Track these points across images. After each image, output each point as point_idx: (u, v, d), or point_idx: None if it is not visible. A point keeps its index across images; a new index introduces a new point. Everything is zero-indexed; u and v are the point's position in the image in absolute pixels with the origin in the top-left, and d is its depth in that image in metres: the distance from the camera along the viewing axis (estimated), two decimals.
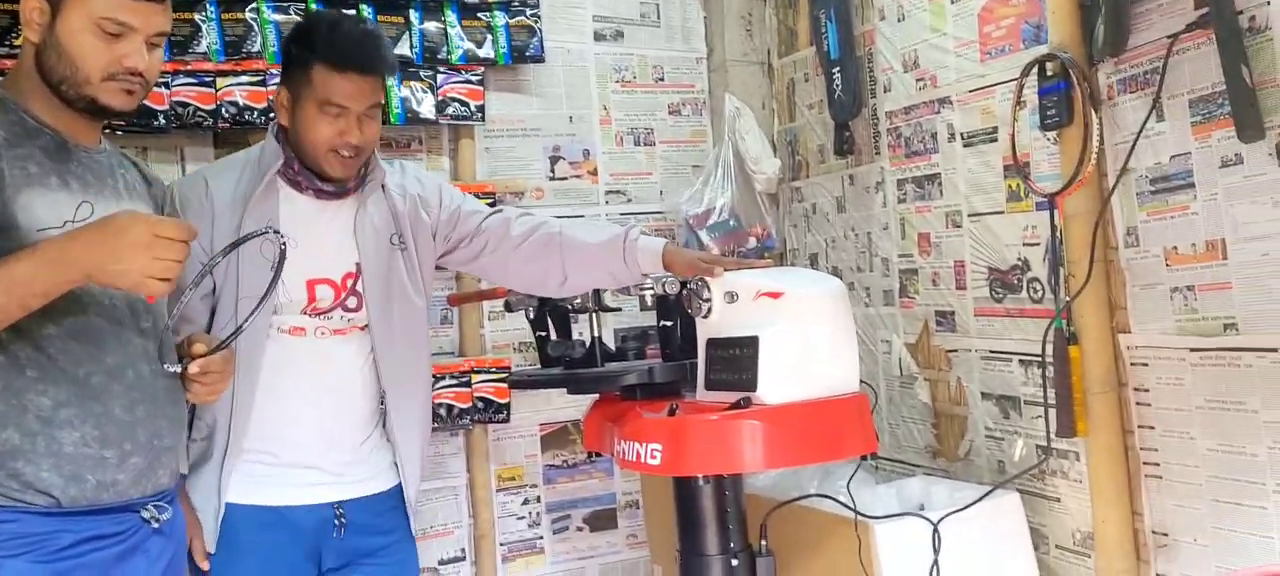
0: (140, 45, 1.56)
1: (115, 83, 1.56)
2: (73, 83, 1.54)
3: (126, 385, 1.57)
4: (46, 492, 1.49)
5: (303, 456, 1.99)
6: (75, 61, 1.53)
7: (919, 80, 2.58)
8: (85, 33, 1.52)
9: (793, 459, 1.96)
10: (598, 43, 3.20)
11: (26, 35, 1.56)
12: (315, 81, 1.91)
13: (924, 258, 2.60)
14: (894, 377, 2.72)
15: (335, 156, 1.94)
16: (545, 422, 3.05)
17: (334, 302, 2.00)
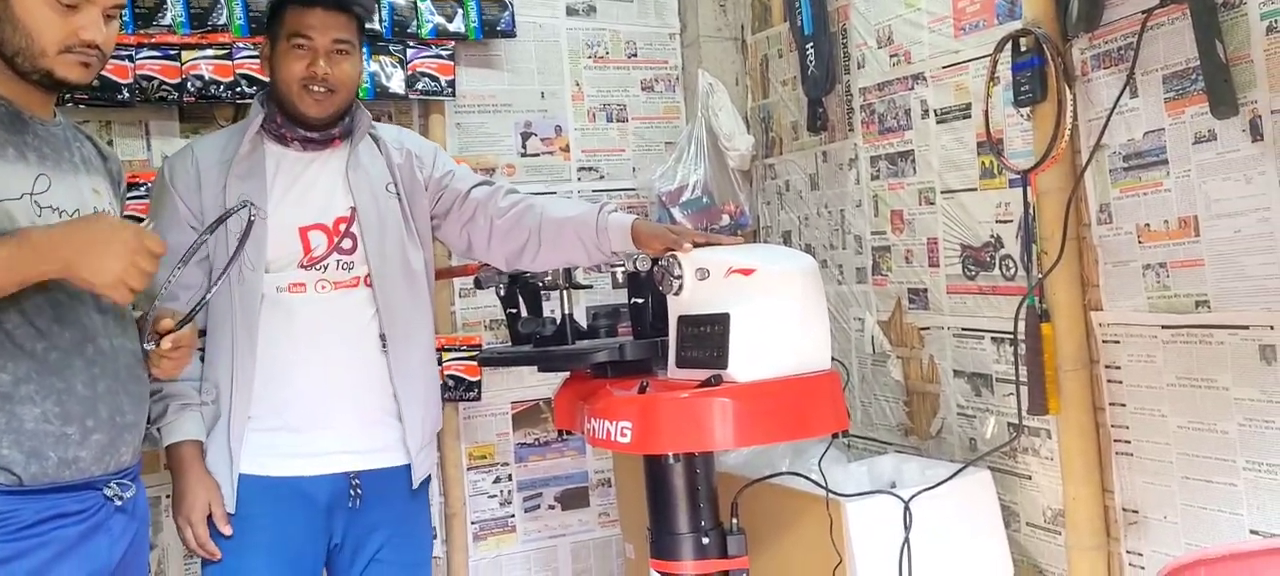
0: (97, 17, 1.54)
1: (72, 55, 1.54)
2: (28, 55, 1.52)
3: (86, 360, 1.55)
4: (8, 469, 1.47)
5: (311, 419, 1.98)
6: (30, 34, 1.51)
7: (893, 56, 2.57)
8: (40, 5, 1.50)
9: (763, 437, 1.95)
10: (570, 17, 3.17)
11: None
12: (285, 19, 1.99)
13: (897, 235, 2.59)
14: (866, 355, 2.71)
15: (307, 94, 1.99)
16: (516, 401, 3.03)
17: (328, 248, 2.02)
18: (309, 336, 2.00)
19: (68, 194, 1.59)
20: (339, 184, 2.06)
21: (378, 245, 2.07)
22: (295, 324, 2.00)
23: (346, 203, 2.05)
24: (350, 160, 2.08)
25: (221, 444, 1.96)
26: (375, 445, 2.06)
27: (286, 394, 1.99)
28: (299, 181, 2.04)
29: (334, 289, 2.03)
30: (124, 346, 1.63)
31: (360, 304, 2.06)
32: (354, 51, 2.05)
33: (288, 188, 2.02)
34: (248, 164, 2.00)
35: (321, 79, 1.98)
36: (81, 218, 1.52)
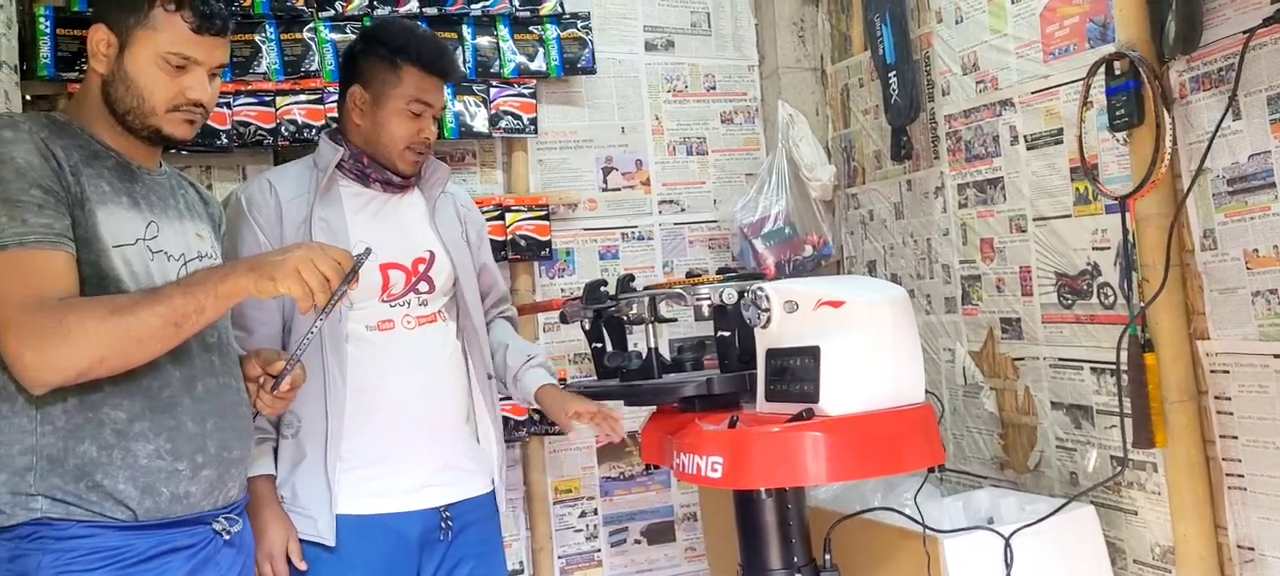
0: (203, 77, 1.62)
1: (178, 114, 1.62)
2: (138, 113, 1.60)
3: (195, 398, 1.59)
4: (124, 504, 1.50)
5: (402, 453, 2.02)
6: (142, 94, 1.59)
7: (979, 83, 2.53)
8: (152, 66, 1.58)
9: (857, 472, 1.91)
10: (649, 53, 3.19)
11: (93, 66, 1.61)
12: (406, 81, 2.06)
13: (987, 263, 2.54)
14: (957, 387, 2.66)
15: (411, 154, 2.09)
16: None
17: (405, 287, 2.08)
18: (398, 371, 2.04)
19: (175, 239, 1.66)
20: (421, 227, 2.15)
21: (467, 285, 2.17)
22: (384, 360, 2.04)
23: (426, 245, 2.13)
24: (434, 208, 2.17)
25: (319, 479, 1.99)
26: (461, 475, 2.11)
27: (378, 429, 2.02)
28: (378, 220, 2.11)
29: (417, 325, 2.08)
30: (230, 384, 1.67)
31: (442, 338, 2.12)
32: None
33: (368, 225, 2.08)
34: (327, 198, 2.06)
35: (427, 143, 2.10)
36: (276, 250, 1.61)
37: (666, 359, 2.29)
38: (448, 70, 2.13)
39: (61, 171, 1.50)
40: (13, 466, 1.47)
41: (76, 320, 1.40)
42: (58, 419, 1.47)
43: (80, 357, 1.41)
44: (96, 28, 1.59)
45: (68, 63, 2.56)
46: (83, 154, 1.56)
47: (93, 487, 1.49)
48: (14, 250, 1.41)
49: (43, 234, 1.43)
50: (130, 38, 1.58)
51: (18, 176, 1.44)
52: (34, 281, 1.41)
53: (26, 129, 1.50)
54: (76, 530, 1.47)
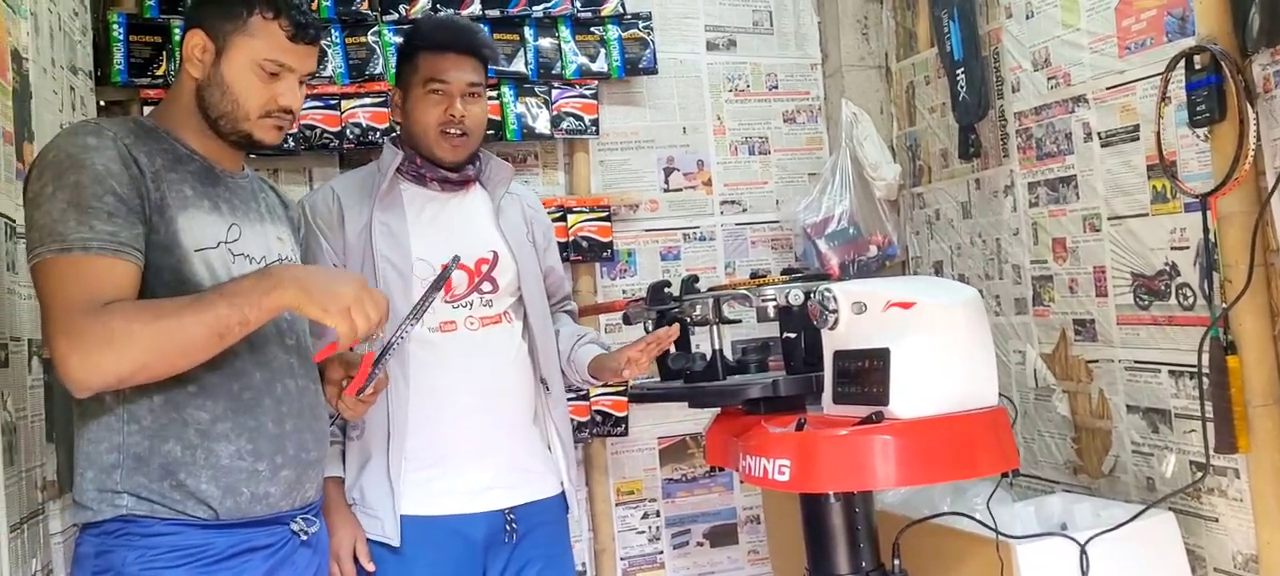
0: (294, 84, 1.65)
1: (269, 120, 1.64)
2: (231, 118, 1.62)
3: (275, 399, 1.61)
4: (206, 503, 1.53)
5: (467, 455, 2.02)
6: (237, 99, 1.61)
7: (1051, 79, 2.47)
8: (247, 72, 1.60)
9: (928, 476, 1.87)
10: (710, 52, 3.17)
11: (187, 70, 1.63)
12: (420, 66, 2.06)
13: (1059, 264, 2.48)
14: (1028, 390, 2.60)
15: (444, 138, 2.05)
16: (664, 436, 3.02)
17: (468, 288, 2.07)
18: (462, 373, 2.04)
19: (256, 242, 1.67)
20: (484, 227, 2.13)
21: (531, 286, 2.15)
22: (448, 362, 2.04)
23: (489, 245, 2.11)
24: (499, 207, 2.15)
25: (381, 481, 2.00)
26: (529, 477, 2.10)
27: (442, 431, 2.02)
28: (438, 220, 2.10)
29: (481, 326, 2.07)
30: (308, 386, 1.69)
31: (507, 338, 2.11)
32: (483, 94, 2.12)
33: (428, 226, 2.08)
34: (388, 201, 2.07)
35: (458, 122, 2.04)
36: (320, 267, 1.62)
37: (730, 360, 2.27)
38: (460, 45, 2.08)
39: (142, 178, 1.52)
40: (100, 464, 1.50)
41: (122, 325, 1.40)
42: (144, 417, 1.50)
43: (123, 364, 1.41)
44: (193, 33, 1.62)
45: (140, 69, 2.62)
46: (166, 159, 1.58)
47: (176, 486, 1.51)
48: (76, 255, 1.43)
49: (106, 241, 1.45)
50: (227, 44, 1.60)
51: (94, 182, 1.46)
52: (91, 288, 1.42)
53: (111, 136, 1.52)
54: (160, 527, 1.50)
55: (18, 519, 1.61)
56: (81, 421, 1.53)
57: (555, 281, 2.32)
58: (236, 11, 1.60)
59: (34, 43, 1.93)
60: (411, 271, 2.02)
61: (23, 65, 1.84)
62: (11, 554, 1.57)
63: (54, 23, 2.13)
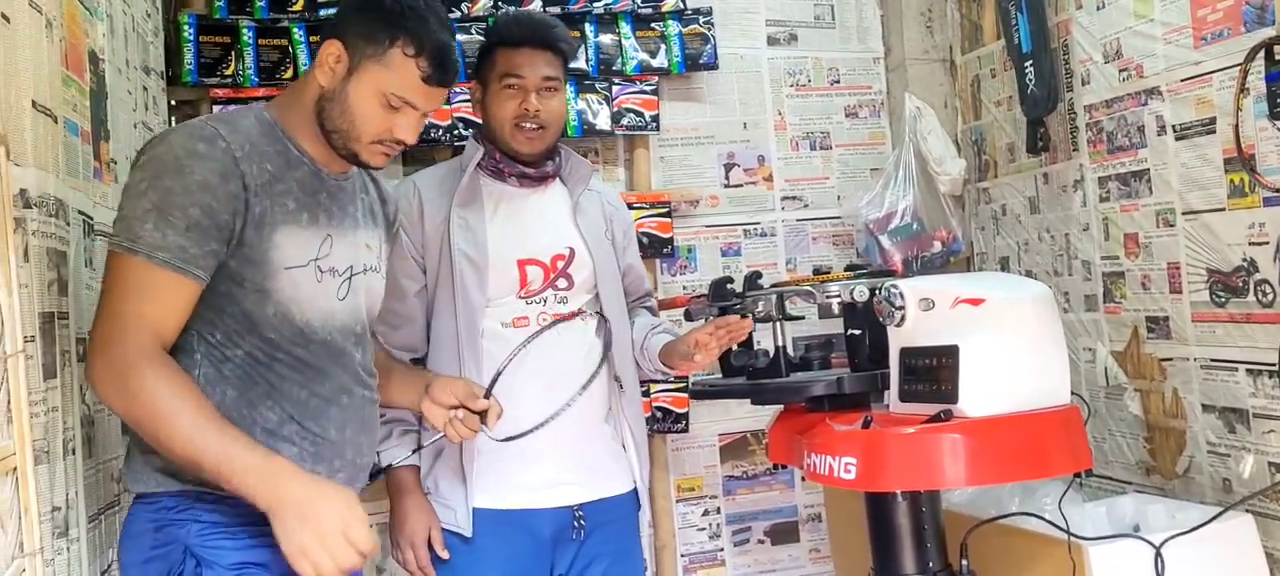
0: (415, 120, 1.64)
1: (379, 146, 1.63)
2: (344, 137, 1.61)
3: (340, 408, 1.63)
4: None
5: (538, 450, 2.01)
6: (354, 121, 1.60)
7: (1122, 71, 2.41)
8: (372, 99, 1.59)
9: (998, 476, 1.85)
10: (771, 47, 3.15)
11: (316, 75, 1.62)
12: (497, 61, 2.08)
13: (1131, 260, 2.42)
14: (1099, 388, 2.55)
15: (520, 132, 2.06)
16: (724, 433, 3.01)
17: (543, 283, 2.09)
18: (535, 368, 2.02)
19: (344, 252, 1.67)
20: (562, 224, 2.14)
21: (607, 284, 2.15)
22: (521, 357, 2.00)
23: (566, 241, 2.12)
24: (577, 204, 2.15)
25: (455, 472, 2.02)
26: (599, 474, 2.10)
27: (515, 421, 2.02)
28: (517, 216, 2.11)
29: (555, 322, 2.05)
30: (369, 396, 1.71)
31: (580, 335, 2.10)
32: (561, 88, 2.13)
33: (507, 221, 2.10)
34: (467, 195, 2.08)
35: (533, 115, 2.05)
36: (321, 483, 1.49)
37: (792, 357, 2.26)
38: (527, 37, 2.09)
39: (243, 194, 1.52)
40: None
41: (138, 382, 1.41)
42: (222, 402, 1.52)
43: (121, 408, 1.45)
44: (332, 43, 1.61)
45: (209, 69, 2.67)
46: (278, 164, 1.59)
47: None
48: (141, 260, 1.44)
49: (175, 254, 1.45)
50: (361, 64, 1.59)
51: (185, 191, 1.47)
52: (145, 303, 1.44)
53: (223, 145, 1.52)
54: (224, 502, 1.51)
55: (96, 509, 1.65)
56: None
57: (634, 279, 2.32)
58: (380, 37, 1.58)
59: (109, 44, 1.97)
60: (487, 265, 2.04)
61: (99, 66, 1.88)
62: (90, 543, 1.61)
63: (128, 24, 2.18)
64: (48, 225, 1.47)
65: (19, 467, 1.20)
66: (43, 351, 1.41)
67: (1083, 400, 2.16)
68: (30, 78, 1.45)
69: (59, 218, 1.53)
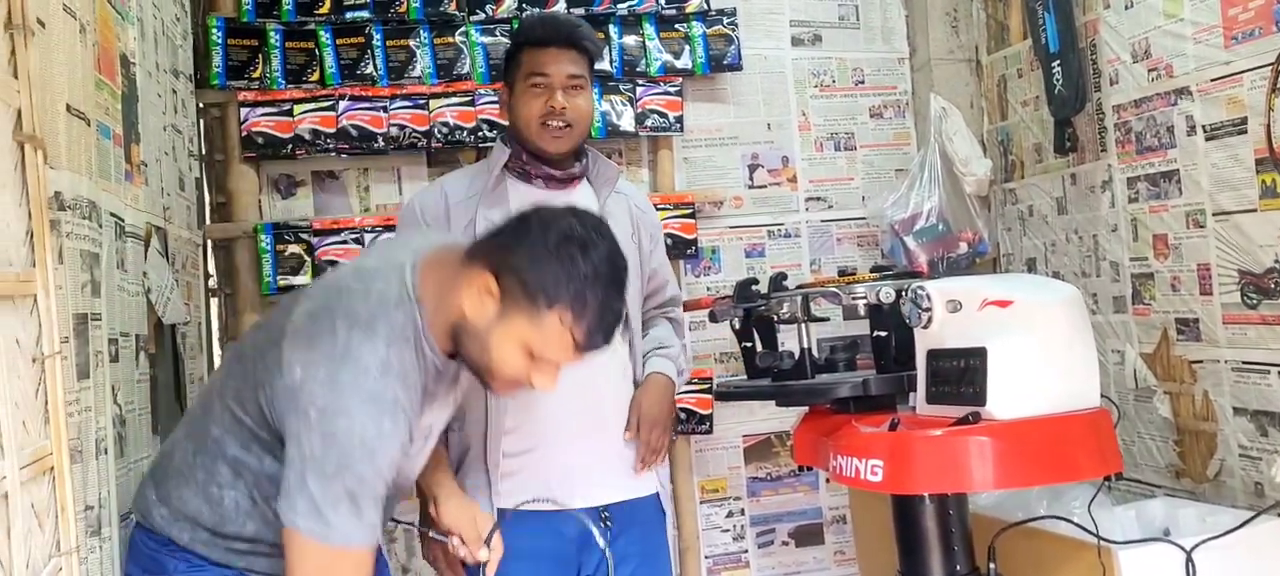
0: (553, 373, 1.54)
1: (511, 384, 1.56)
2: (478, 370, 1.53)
3: None
4: None
5: (563, 453, 2.02)
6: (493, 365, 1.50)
7: (1151, 71, 2.39)
8: (517, 353, 1.49)
9: (1026, 479, 1.83)
10: (795, 48, 3.15)
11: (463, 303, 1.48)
12: (522, 61, 2.07)
13: (1161, 261, 2.40)
14: (1128, 390, 2.53)
15: (546, 130, 2.05)
16: (748, 434, 3.00)
17: None
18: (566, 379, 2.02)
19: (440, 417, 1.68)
20: None
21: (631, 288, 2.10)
22: None
23: None
24: (604, 208, 2.13)
25: (480, 473, 2.02)
26: (624, 476, 2.09)
27: (539, 429, 2.03)
28: None
29: None
30: None
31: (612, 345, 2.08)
32: (587, 87, 2.11)
33: None
34: (494, 198, 2.07)
35: (559, 113, 2.04)
36: None
37: (817, 359, 2.25)
38: (552, 36, 2.07)
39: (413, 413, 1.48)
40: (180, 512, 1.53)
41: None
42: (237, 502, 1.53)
43: None
44: (484, 275, 1.47)
45: (237, 71, 2.70)
46: (427, 377, 1.52)
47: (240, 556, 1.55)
48: (338, 547, 1.39)
49: (366, 536, 1.41)
50: (512, 313, 1.46)
51: (376, 475, 1.41)
52: None
53: (404, 422, 1.44)
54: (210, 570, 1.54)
55: (128, 508, 1.67)
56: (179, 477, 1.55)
57: (658, 282, 2.28)
58: (537, 299, 1.45)
59: (140, 47, 1.99)
60: None
61: (130, 69, 1.90)
62: (121, 542, 1.62)
63: (158, 28, 2.20)
64: (81, 227, 1.49)
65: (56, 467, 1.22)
66: (77, 352, 1.43)
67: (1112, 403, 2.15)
68: (65, 82, 1.47)
69: (92, 220, 1.55)
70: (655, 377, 2.14)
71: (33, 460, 1.16)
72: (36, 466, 1.18)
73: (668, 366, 2.17)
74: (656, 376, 2.14)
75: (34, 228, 1.22)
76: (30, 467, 1.14)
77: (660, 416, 2.11)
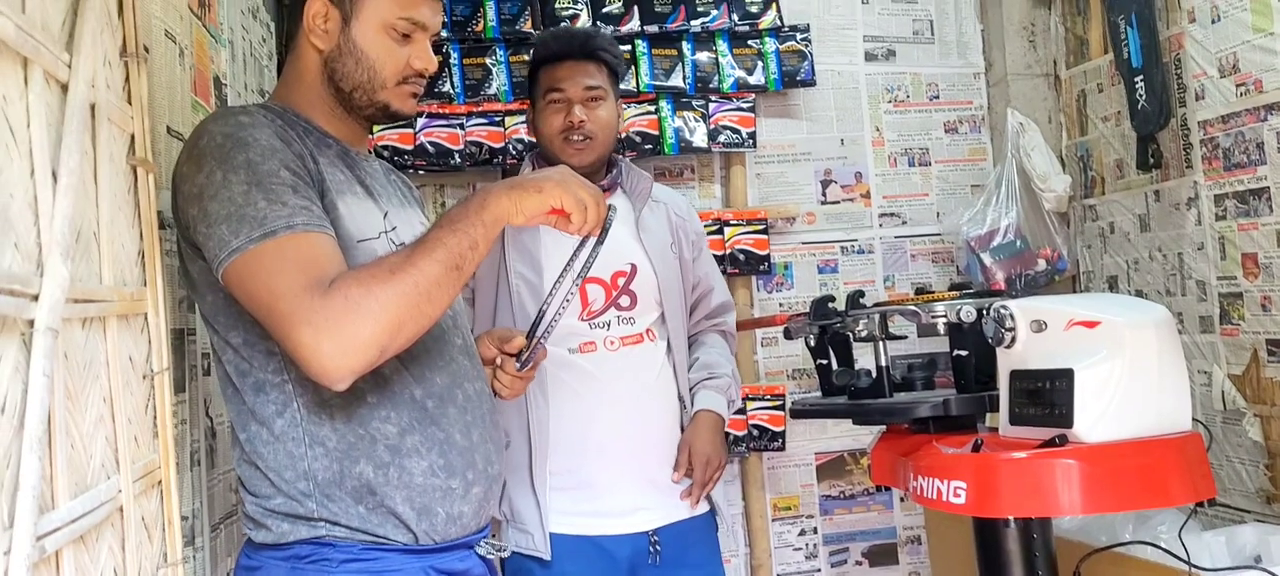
0: (426, 45, 1.49)
1: (406, 87, 1.48)
2: (367, 89, 1.45)
3: (459, 407, 1.44)
4: (405, 525, 1.37)
5: (610, 476, 2.01)
6: (372, 66, 1.44)
7: (1240, 86, 2.34)
8: (381, 35, 1.44)
9: (1115, 504, 1.79)
10: (869, 63, 3.13)
11: (311, 43, 1.46)
12: (541, 79, 2.09)
13: (1250, 280, 2.34)
14: (1215, 413, 2.46)
15: (568, 145, 2.05)
16: (821, 452, 2.98)
17: (605, 302, 2.05)
18: (604, 395, 2.02)
19: (407, 229, 1.50)
20: (622, 238, 2.06)
21: (675, 303, 2.11)
22: (590, 383, 2.01)
23: (627, 257, 2.07)
24: (640, 218, 2.10)
25: (528, 497, 2.00)
26: (673, 498, 2.07)
27: (586, 452, 2.01)
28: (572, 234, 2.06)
29: (622, 345, 2.05)
30: (484, 391, 1.51)
31: (649, 357, 2.07)
32: (607, 97, 2.09)
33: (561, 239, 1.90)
34: None
35: (578, 127, 2.03)
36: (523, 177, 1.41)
37: (895, 377, 2.23)
38: (565, 50, 2.07)
39: (303, 156, 1.36)
40: (289, 491, 1.35)
41: (362, 291, 1.21)
42: (328, 439, 1.35)
43: (379, 329, 1.21)
44: (311, 2, 1.44)
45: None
46: (311, 141, 1.42)
47: (375, 508, 1.36)
48: (283, 236, 1.24)
49: (307, 217, 1.27)
50: (355, 7, 1.43)
51: (265, 158, 1.29)
52: (311, 267, 1.23)
53: (261, 115, 1.37)
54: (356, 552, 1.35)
55: (218, 518, 1.71)
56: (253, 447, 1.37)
57: (704, 290, 2.24)
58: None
59: (231, 69, 2.05)
60: (543, 286, 2.00)
61: (222, 90, 1.96)
62: (211, 552, 1.66)
63: (247, 49, 2.26)
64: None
65: (163, 480, 1.25)
66: (174, 366, 1.47)
67: (1203, 426, 2.10)
68: (165, 104, 1.52)
69: None
70: (704, 416, 2.11)
71: (144, 474, 1.20)
72: (147, 480, 1.21)
73: (717, 401, 2.13)
74: (706, 414, 2.11)
75: (145, 248, 1.26)
76: (142, 481, 1.18)
77: (713, 454, 2.08)
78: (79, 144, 0.99)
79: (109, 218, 1.12)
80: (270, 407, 1.35)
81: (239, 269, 1.24)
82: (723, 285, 2.32)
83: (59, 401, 0.93)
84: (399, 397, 1.38)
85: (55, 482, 0.92)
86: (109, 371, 1.11)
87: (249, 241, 1.23)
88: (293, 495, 1.34)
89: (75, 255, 0.99)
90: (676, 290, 2.14)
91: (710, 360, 2.19)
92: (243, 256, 1.23)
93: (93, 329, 1.08)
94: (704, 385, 2.14)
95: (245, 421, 1.38)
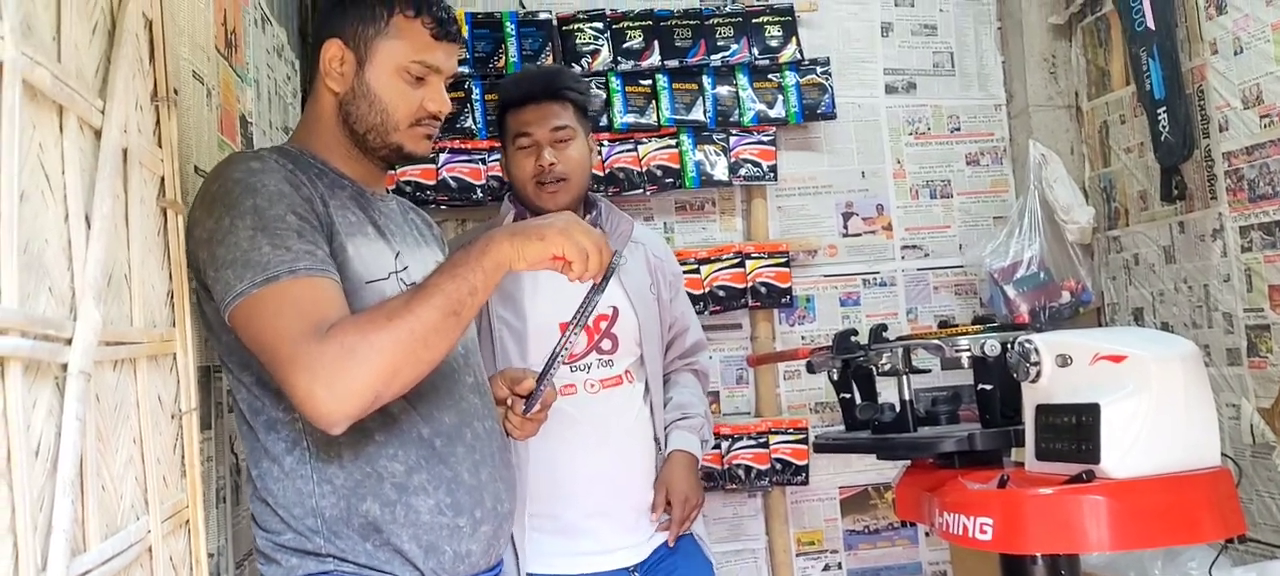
0: (440, 87, 1.52)
1: (419, 128, 1.51)
2: (380, 131, 1.48)
3: (467, 446, 1.45)
4: (411, 563, 1.39)
5: (590, 516, 2.01)
6: (386, 109, 1.47)
7: (1264, 117, 2.33)
8: (395, 78, 1.47)
9: (1143, 540, 1.76)
10: (889, 95, 3.14)
11: (326, 86, 1.50)
12: (508, 124, 2.08)
13: (1278, 312, 2.32)
14: (1244, 447, 2.44)
15: (542, 189, 2.04)
16: (845, 486, 2.97)
17: (587, 346, 2.04)
18: (583, 436, 2.01)
19: (420, 268, 1.50)
20: None
21: (654, 345, 2.11)
22: (569, 426, 2.00)
23: (609, 302, 2.06)
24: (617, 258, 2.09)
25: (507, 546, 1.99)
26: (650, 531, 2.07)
27: (565, 492, 2.01)
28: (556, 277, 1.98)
29: (602, 387, 2.04)
30: (494, 429, 1.53)
31: (628, 399, 2.07)
32: (576, 135, 2.07)
33: (544, 283, 1.98)
34: None
35: (549, 169, 2.02)
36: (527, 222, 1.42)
37: (919, 411, 2.21)
38: (528, 92, 2.06)
39: (313, 199, 1.38)
40: (298, 527, 1.38)
41: (357, 337, 1.23)
42: (337, 477, 1.37)
43: (374, 376, 1.23)
44: (329, 44, 1.48)
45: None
46: (325, 183, 1.45)
47: (381, 546, 1.38)
48: (285, 281, 1.26)
49: (310, 262, 1.29)
50: (369, 51, 1.47)
51: (271, 204, 1.31)
52: (311, 312, 1.25)
53: (272, 160, 1.39)
54: None
55: (242, 555, 1.71)
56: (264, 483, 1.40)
57: (680, 329, 2.23)
58: (376, 15, 1.47)
59: (256, 107, 2.07)
60: (527, 332, 1.99)
61: (248, 128, 1.98)
62: None
63: (271, 88, 2.29)
64: None
65: (190, 520, 1.26)
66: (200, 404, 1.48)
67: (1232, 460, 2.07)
68: (193, 144, 1.54)
69: None
70: (678, 456, 2.10)
71: (173, 513, 1.20)
72: (175, 519, 1.22)
73: (690, 442, 2.13)
74: (680, 454, 2.11)
75: (174, 288, 1.28)
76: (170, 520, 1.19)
77: (690, 492, 2.08)
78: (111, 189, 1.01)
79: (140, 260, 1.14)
80: (281, 444, 1.38)
81: (244, 312, 1.27)
82: (696, 324, 2.32)
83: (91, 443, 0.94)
84: (406, 436, 1.41)
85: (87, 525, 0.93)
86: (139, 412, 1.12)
87: (253, 285, 1.26)
88: (301, 531, 1.37)
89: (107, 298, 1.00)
90: (655, 333, 2.14)
91: (683, 400, 2.19)
92: (247, 300, 1.26)
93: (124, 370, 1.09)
94: (677, 425, 2.14)
95: (258, 458, 1.40)
